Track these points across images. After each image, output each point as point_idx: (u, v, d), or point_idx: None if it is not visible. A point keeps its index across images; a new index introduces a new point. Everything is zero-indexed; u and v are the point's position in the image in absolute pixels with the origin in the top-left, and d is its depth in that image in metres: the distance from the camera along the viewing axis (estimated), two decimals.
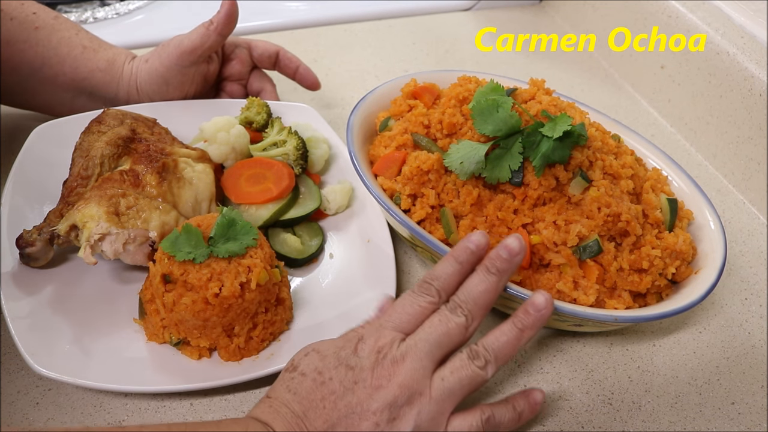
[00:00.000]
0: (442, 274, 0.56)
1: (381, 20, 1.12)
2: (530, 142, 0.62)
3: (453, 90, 0.70)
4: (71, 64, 0.77)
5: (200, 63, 0.78)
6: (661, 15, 0.95)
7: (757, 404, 0.63)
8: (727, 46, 0.86)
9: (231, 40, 0.83)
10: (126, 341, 0.60)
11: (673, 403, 0.63)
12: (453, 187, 0.65)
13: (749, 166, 0.84)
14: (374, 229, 0.71)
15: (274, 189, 0.72)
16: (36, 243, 0.62)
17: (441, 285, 0.56)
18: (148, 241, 0.63)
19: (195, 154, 0.72)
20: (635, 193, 0.68)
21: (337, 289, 0.67)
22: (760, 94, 0.81)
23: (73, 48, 0.77)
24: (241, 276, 0.58)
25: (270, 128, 0.78)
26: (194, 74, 0.79)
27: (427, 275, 0.57)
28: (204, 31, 0.76)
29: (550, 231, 0.62)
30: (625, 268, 0.63)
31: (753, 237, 0.81)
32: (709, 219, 0.69)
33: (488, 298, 0.55)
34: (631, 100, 1.01)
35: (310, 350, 0.54)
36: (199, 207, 0.69)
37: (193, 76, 0.79)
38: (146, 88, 0.79)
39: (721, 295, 0.73)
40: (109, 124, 0.70)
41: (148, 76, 0.78)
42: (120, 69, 0.79)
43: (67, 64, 0.76)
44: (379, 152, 0.70)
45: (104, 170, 0.67)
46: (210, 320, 0.58)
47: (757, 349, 0.68)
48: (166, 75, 0.78)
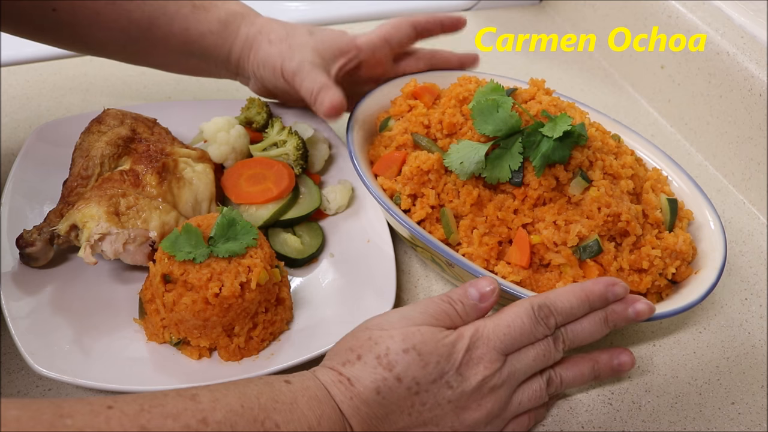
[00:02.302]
0: (568, 312, 0.53)
1: (381, 20, 1.11)
2: (530, 142, 0.62)
3: (453, 90, 0.71)
4: (180, 24, 0.71)
5: None
6: (661, 15, 0.95)
7: (757, 404, 0.63)
8: (727, 46, 0.86)
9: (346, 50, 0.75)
10: (126, 341, 0.60)
11: (673, 403, 0.63)
12: (453, 187, 0.65)
13: (749, 166, 0.84)
14: (374, 229, 0.71)
15: (274, 189, 0.72)
16: (36, 243, 0.62)
17: (562, 322, 0.54)
18: (148, 241, 0.63)
19: (195, 154, 0.72)
20: (635, 193, 0.68)
21: (337, 289, 0.67)
22: (760, 94, 0.81)
23: (182, 6, 0.71)
24: (241, 276, 0.58)
25: (270, 128, 0.78)
26: None
27: (552, 304, 0.53)
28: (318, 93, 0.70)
29: (550, 231, 0.62)
30: (625, 268, 0.63)
31: (753, 237, 0.81)
32: (709, 219, 0.69)
33: (589, 342, 0.55)
34: (631, 100, 1.01)
35: (410, 347, 0.49)
36: (199, 207, 0.69)
37: None
38: (261, 73, 0.75)
39: (721, 295, 0.73)
40: (109, 124, 0.70)
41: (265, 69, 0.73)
42: (234, 32, 0.73)
43: (176, 25, 0.71)
44: (379, 152, 0.70)
45: (104, 170, 0.67)
46: (210, 320, 0.58)
47: (757, 349, 0.68)
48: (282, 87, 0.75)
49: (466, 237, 0.64)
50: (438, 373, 0.49)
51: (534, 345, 0.53)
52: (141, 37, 0.71)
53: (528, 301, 0.53)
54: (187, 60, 0.75)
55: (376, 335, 0.50)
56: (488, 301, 0.53)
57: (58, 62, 0.95)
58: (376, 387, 0.48)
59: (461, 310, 0.53)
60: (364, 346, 0.50)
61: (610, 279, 0.55)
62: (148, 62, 0.77)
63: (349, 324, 0.59)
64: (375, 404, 0.48)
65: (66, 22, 0.68)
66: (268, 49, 0.73)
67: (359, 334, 0.51)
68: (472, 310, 0.53)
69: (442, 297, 0.53)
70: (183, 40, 0.72)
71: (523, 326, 0.52)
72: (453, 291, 0.54)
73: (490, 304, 0.53)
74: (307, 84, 0.71)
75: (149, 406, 0.41)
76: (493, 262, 0.63)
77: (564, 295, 0.54)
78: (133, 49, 0.73)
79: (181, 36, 0.72)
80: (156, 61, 0.76)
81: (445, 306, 0.52)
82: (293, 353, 0.60)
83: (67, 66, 0.95)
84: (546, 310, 0.53)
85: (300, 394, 0.47)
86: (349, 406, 0.48)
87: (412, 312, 0.52)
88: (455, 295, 0.53)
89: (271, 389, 0.47)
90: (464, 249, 0.63)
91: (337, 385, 0.48)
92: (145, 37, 0.71)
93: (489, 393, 0.51)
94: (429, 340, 0.49)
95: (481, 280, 0.54)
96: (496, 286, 0.54)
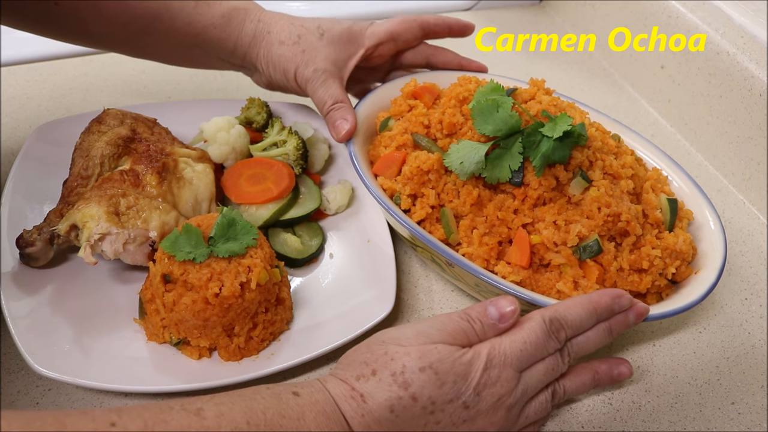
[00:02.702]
0: (578, 325, 0.54)
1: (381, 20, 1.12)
2: (530, 142, 0.62)
3: (453, 90, 0.71)
4: (183, 19, 0.71)
5: None
6: (661, 15, 0.95)
7: (757, 404, 0.63)
8: (727, 46, 0.86)
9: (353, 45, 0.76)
10: (126, 341, 0.60)
11: (673, 403, 0.63)
12: (453, 187, 0.65)
13: (749, 166, 0.84)
14: (374, 229, 0.71)
15: (274, 189, 0.72)
16: (36, 243, 0.62)
17: (572, 335, 0.54)
18: (148, 241, 0.63)
19: (195, 154, 0.72)
20: (635, 193, 0.68)
21: (337, 289, 0.67)
22: (760, 94, 0.81)
23: (186, 2, 0.71)
24: (241, 276, 0.58)
25: (270, 128, 0.78)
26: None
27: (563, 317, 0.53)
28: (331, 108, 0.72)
29: (550, 231, 0.62)
30: (625, 268, 0.63)
31: (753, 237, 0.81)
32: (709, 219, 0.69)
33: (593, 351, 0.55)
34: (631, 100, 1.01)
35: (427, 365, 0.48)
36: (199, 207, 0.69)
37: None
38: (270, 72, 0.75)
39: (721, 295, 0.73)
40: (109, 124, 0.70)
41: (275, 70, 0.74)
42: (238, 27, 0.73)
43: (179, 20, 0.71)
44: (379, 152, 0.70)
45: (104, 170, 0.67)
46: (210, 320, 0.58)
47: (757, 349, 0.68)
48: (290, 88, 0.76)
49: (466, 237, 0.64)
50: (454, 393, 0.48)
51: (544, 360, 0.53)
52: (144, 32, 0.71)
53: (539, 314, 0.53)
54: (190, 52, 0.75)
55: (392, 351, 0.49)
56: (508, 322, 0.52)
57: (58, 62, 0.95)
58: (390, 405, 0.47)
59: (479, 329, 0.52)
60: (380, 360, 0.49)
61: (616, 291, 0.55)
62: (150, 56, 0.77)
63: (349, 324, 0.59)
64: (387, 422, 0.47)
65: (68, 17, 0.68)
66: (279, 51, 0.73)
67: (374, 347, 0.50)
68: (490, 330, 0.52)
69: (461, 315, 0.52)
70: (185, 33, 0.72)
71: (537, 341, 0.52)
72: (472, 308, 0.53)
73: (510, 325, 0.52)
74: (320, 94, 0.72)
75: (153, 423, 0.41)
76: (493, 262, 0.63)
77: (573, 308, 0.54)
78: (136, 43, 0.73)
79: (184, 30, 0.72)
80: (159, 55, 0.76)
81: (464, 324, 0.51)
82: (293, 353, 0.60)
83: (67, 66, 0.95)
84: (557, 323, 0.53)
85: (308, 409, 0.46)
86: (359, 423, 0.47)
87: (430, 329, 0.50)
88: (474, 313, 0.52)
89: (278, 403, 0.46)
90: (464, 249, 0.63)
91: (349, 401, 0.48)
92: (148, 32, 0.71)
93: (502, 410, 0.50)
94: (446, 359, 0.49)
95: (501, 299, 0.53)
96: (517, 306, 0.52)
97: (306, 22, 0.75)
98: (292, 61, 0.73)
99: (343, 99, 0.72)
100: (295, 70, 0.73)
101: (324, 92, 0.72)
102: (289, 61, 0.73)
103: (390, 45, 0.77)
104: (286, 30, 0.74)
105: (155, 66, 0.96)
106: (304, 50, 0.73)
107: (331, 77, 0.73)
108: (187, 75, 0.95)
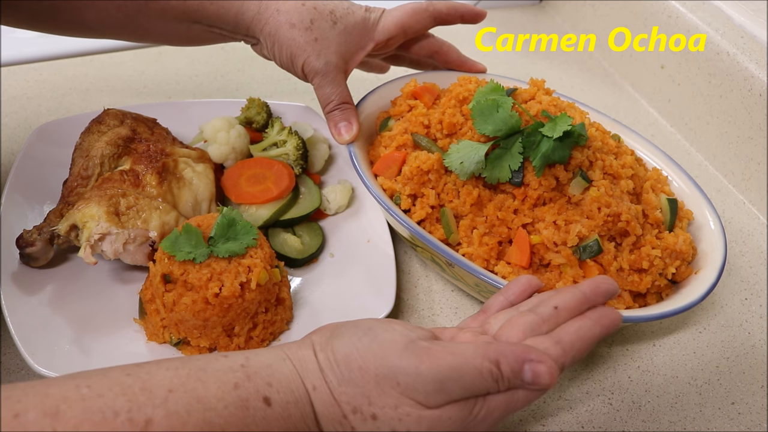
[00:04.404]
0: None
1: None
2: (530, 142, 0.62)
3: (453, 90, 0.71)
4: None
5: None
6: (661, 15, 0.95)
7: (757, 404, 0.63)
8: (727, 46, 0.86)
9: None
10: (126, 341, 0.60)
11: (673, 403, 0.63)
12: (453, 187, 0.65)
13: (749, 166, 0.84)
14: (374, 229, 0.71)
15: (274, 189, 0.72)
16: (36, 243, 0.62)
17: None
18: (148, 241, 0.63)
19: (195, 154, 0.72)
20: (635, 193, 0.68)
21: (337, 289, 0.67)
22: (760, 94, 0.81)
23: None
24: (241, 276, 0.58)
25: (270, 128, 0.78)
26: None
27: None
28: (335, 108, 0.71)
29: (550, 231, 0.62)
30: (625, 268, 0.63)
31: (753, 237, 0.81)
32: (709, 219, 0.69)
33: None
34: (631, 100, 1.01)
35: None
36: (199, 207, 0.69)
37: None
38: (275, 51, 0.72)
39: (721, 295, 0.73)
40: (109, 124, 0.70)
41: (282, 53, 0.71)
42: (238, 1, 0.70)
43: None
44: (379, 152, 0.70)
45: (104, 170, 0.67)
46: (210, 320, 0.58)
47: (757, 349, 0.68)
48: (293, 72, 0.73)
49: (466, 237, 0.64)
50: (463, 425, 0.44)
51: None
52: (139, 12, 0.69)
53: None
54: (189, 29, 0.72)
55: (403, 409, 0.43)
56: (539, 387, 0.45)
57: (58, 62, 0.95)
58: None
59: (503, 386, 0.45)
60: (386, 410, 0.43)
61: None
62: (150, 38, 0.74)
63: None
64: None
65: (60, 7, 0.67)
66: (289, 34, 0.70)
67: (384, 383, 0.43)
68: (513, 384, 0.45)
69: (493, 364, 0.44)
70: (182, 9, 0.69)
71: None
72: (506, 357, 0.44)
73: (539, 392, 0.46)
74: (327, 91, 0.71)
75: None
76: (493, 262, 0.63)
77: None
78: (133, 26, 0.71)
79: (180, 7, 0.69)
80: (158, 36, 0.74)
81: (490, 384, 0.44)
82: None
83: (67, 66, 0.95)
84: None
85: (276, 426, 0.41)
86: None
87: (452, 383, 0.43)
88: (507, 367, 0.44)
89: (243, 415, 0.40)
90: (464, 249, 0.63)
91: (335, 425, 0.44)
92: (143, 12, 0.69)
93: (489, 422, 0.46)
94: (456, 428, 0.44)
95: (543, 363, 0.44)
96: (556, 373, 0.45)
97: (318, 4, 0.72)
98: (303, 48, 0.70)
99: (349, 100, 0.72)
100: (305, 59, 0.70)
101: (331, 90, 0.71)
102: (299, 48, 0.70)
103: (399, 38, 0.76)
104: (296, 11, 0.71)
105: (155, 66, 0.96)
106: (316, 38, 0.70)
107: (340, 73, 0.71)
108: (187, 75, 0.96)
